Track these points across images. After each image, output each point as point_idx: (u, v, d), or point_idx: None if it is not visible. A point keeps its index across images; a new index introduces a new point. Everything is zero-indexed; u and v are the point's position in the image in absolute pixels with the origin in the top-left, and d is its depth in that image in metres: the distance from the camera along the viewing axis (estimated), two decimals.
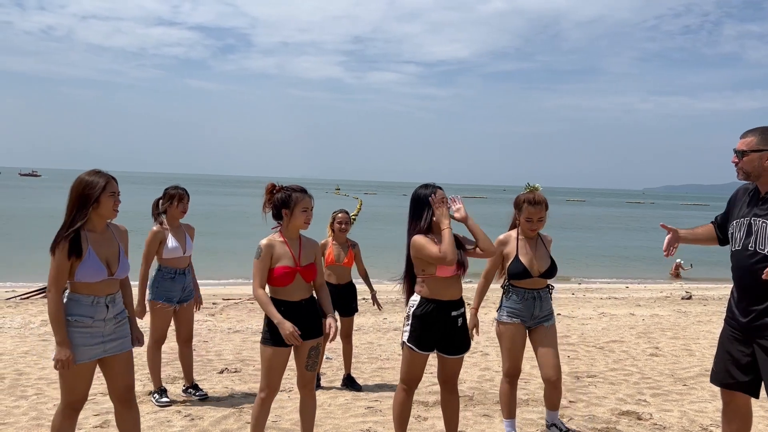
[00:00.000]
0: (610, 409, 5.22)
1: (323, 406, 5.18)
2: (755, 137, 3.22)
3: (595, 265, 20.58)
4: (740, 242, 3.32)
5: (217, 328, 8.56)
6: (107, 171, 3.45)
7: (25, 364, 6.22)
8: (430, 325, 3.78)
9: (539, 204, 4.22)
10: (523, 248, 4.25)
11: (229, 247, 18.56)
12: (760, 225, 3.22)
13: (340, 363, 6.24)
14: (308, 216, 3.81)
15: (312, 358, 3.82)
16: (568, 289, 14.51)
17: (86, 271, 3.26)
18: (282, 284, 3.75)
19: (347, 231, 5.78)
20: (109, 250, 3.38)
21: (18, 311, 9.61)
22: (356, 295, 5.94)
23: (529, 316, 4.23)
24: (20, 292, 11.80)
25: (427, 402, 5.23)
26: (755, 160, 3.21)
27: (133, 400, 3.52)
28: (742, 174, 3.29)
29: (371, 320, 9.37)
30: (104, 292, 3.34)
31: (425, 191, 3.81)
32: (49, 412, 4.80)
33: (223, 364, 6.46)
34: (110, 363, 3.40)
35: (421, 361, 3.85)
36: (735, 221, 3.40)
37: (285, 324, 3.64)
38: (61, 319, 3.22)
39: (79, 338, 3.26)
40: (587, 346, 7.76)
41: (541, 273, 4.22)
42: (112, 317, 3.38)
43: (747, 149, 3.23)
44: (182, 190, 5.19)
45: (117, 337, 3.40)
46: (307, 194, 3.85)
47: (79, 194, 3.30)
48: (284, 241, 3.81)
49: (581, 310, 11.15)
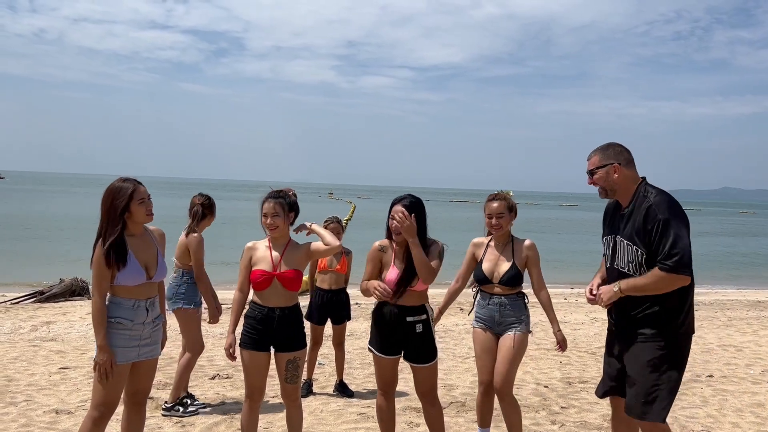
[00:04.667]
0: (602, 414, 5.22)
1: (315, 412, 5.17)
2: (597, 155, 3.36)
3: (587, 269, 20.64)
4: (609, 261, 3.39)
5: (209, 333, 8.51)
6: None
7: (15, 370, 6.17)
8: (386, 328, 3.79)
9: (497, 200, 4.20)
10: (490, 254, 4.22)
11: (220, 251, 18.45)
12: (620, 243, 3.28)
13: (332, 369, 6.23)
14: (266, 221, 3.79)
15: (290, 371, 3.78)
16: (560, 294, 14.53)
17: (126, 276, 3.34)
18: (258, 288, 3.77)
19: (340, 239, 5.78)
20: (147, 253, 3.47)
21: (8, 316, 9.53)
22: (349, 303, 5.93)
23: (491, 321, 4.17)
24: (9, 297, 11.71)
25: (419, 408, 5.20)
26: (604, 176, 3.32)
27: (144, 404, 3.61)
28: (602, 192, 3.39)
29: (363, 326, 9.35)
30: (144, 295, 3.43)
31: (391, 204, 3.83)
32: (39, 418, 4.77)
33: (215, 370, 6.43)
34: (138, 366, 3.47)
35: (387, 365, 3.84)
36: (604, 238, 3.46)
37: (228, 337, 3.76)
38: (103, 323, 3.30)
39: (119, 340, 3.34)
40: (579, 352, 7.77)
41: (500, 280, 4.14)
42: (151, 321, 3.48)
43: (594, 168, 3.36)
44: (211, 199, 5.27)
45: (152, 342, 3.50)
46: (270, 200, 3.81)
47: (109, 205, 3.38)
48: (269, 246, 3.83)
49: (573, 315, 11.17)
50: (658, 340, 3.15)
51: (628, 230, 3.22)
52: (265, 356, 3.78)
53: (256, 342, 3.74)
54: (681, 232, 3.07)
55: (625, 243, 3.24)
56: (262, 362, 3.77)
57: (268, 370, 3.85)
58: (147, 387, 3.58)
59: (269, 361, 3.81)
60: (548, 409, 5.37)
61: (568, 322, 10.18)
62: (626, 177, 3.29)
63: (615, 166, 3.29)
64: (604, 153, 3.34)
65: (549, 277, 4.35)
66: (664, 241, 3.06)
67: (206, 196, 5.29)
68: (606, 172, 3.31)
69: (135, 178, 3.51)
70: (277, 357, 3.79)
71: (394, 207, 3.76)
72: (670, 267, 3.04)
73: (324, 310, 5.75)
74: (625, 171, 3.29)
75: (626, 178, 3.29)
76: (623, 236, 3.26)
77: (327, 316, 5.77)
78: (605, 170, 3.31)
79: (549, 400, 5.64)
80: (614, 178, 3.29)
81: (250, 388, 3.80)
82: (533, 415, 5.21)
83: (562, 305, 12.58)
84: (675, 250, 3.03)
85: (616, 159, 3.30)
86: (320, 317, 5.75)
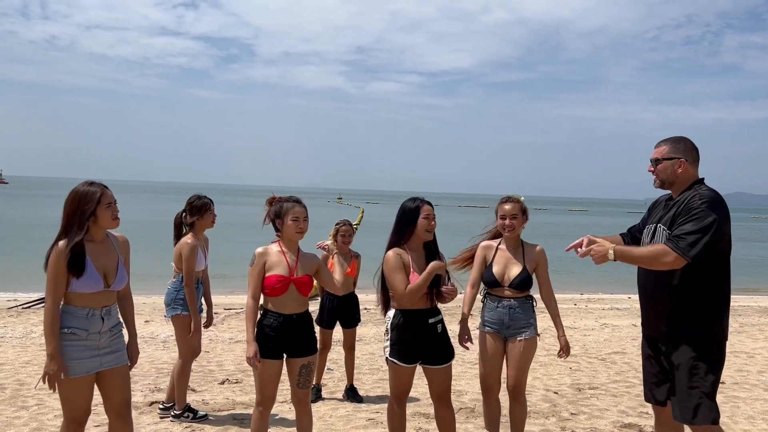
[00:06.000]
0: (612, 421, 5.19)
1: (324, 417, 5.17)
2: (667, 146, 3.33)
3: (597, 275, 20.54)
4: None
5: (218, 338, 8.55)
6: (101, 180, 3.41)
7: (26, 374, 6.21)
8: (409, 335, 3.78)
9: (510, 202, 4.23)
10: (500, 257, 4.22)
11: (231, 256, 18.53)
12: (659, 230, 3.29)
13: (342, 374, 6.23)
14: (299, 225, 3.80)
15: (303, 376, 3.79)
16: (570, 300, 14.47)
17: (83, 283, 3.20)
18: (274, 294, 3.73)
19: (350, 242, 5.79)
20: (107, 261, 3.32)
21: (19, 321, 9.61)
22: (358, 306, 5.94)
23: (501, 325, 4.16)
24: (22, 300, 11.80)
25: (428, 414, 5.20)
26: (668, 168, 3.30)
27: (129, 414, 3.44)
28: (658, 182, 3.38)
29: (372, 331, 9.35)
30: (100, 304, 3.27)
31: (411, 205, 3.86)
32: (50, 422, 4.79)
33: (225, 375, 6.44)
34: (107, 377, 3.33)
35: (407, 374, 3.84)
36: (647, 226, 3.47)
37: (251, 346, 3.66)
38: (55, 331, 3.15)
39: (75, 351, 3.20)
40: (589, 358, 7.73)
41: (511, 283, 4.15)
42: (108, 330, 3.31)
43: (660, 158, 3.33)
44: (208, 199, 5.03)
45: (113, 351, 3.33)
46: (300, 204, 3.85)
47: (74, 208, 3.24)
48: (281, 251, 3.81)
49: (583, 321, 11.11)
50: (694, 344, 3.15)
51: (669, 216, 3.23)
52: (280, 364, 3.78)
53: (271, 351, 3.72)
54: (707, 224, 3.04)
55: (662, 228, 3.25)
56: (276, 370, 3.77)
57: (280, 378, 3.85)
58: (125, 396, 3.40)
59: (282, 368, 3.82)
60: (558, 416, 5.35)
61: (578, 328, 10.12)
62: (688, 174, 3.28)
63: (682, 161, 3.27)
64: (674, 145, 3.31)
65: (558, 283, 4.35)
66: (688, 223, 3.06)
67: (193, 197, 5.03)
68: (671, 164, 3.29)
69: (101, 182, 3.37)
70: (291, 363, 3.78)
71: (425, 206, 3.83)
72: (674, 245, 3.04)
73: (334, 314, 5.76)
74: (689, 168, 3.28)
75: (687, 176, 3.28)
76: (663, 222, 3.27)
77: (336, 319, 5.78)
78: (671, 162, 3.29)
79: (559, 407, 5.61)
80: (677, 172, 3.28)
81: (264, 396, 3.77)
82: (543, 421, 5.19)
83: (572, 311, 12.52)
84: (689, 233, 3.03)
85: (685, 155, 3.29)
86: (329, 321, 5.76)
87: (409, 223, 3.83)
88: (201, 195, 5.09)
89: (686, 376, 3.15)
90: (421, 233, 3.83)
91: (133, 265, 3.66)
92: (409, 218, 3.84)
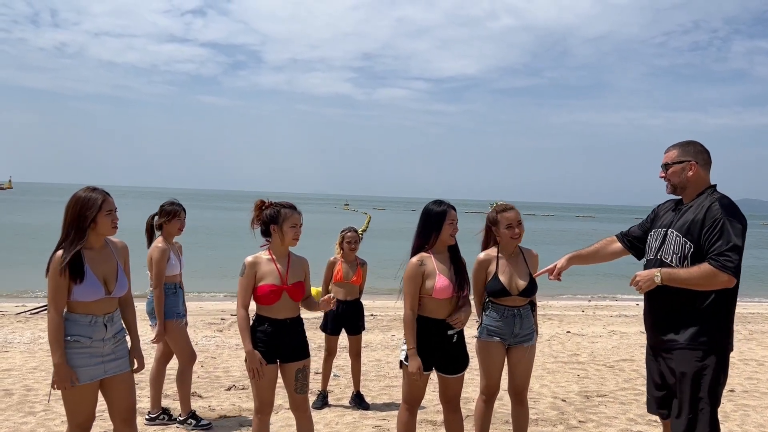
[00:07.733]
0: (621, 429, 5.16)
1: (330, 424, 5.16)
2: (677, 150, 3.32)
3: (605, 282, 20.45)
4: (653, 252, 3.37)
5: (224, 344, 8.55)
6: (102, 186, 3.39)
7: (34, 380, 6.23)
8: (426, 343, 3.77)
9: (510, 209, 4.18)
10: (503, 266, 4.17)
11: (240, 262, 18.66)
12: (670, 235, 3.26)
13: (348, 381, 6.21)
14: (296, 232, 3.80)
15: (300, 381, 3.78)
16: (577, 307, 14.40)
17: (83, 291, 3.19)
18: (267, 303, 3.72)
19: (356, 249, 5.78)
20: (107, 267, 3.30)
21: (27, 326, 9.64)
22: (363, 313, 5.93)
23: (509, 334, 4.13)
24: (30, 306, 11.85)
25: (435, 421, 5.19)
26: (679, 172, 3.29)
27: (134, 420, 3.44)
28: (670, 187, 3.37)
29: (379, 337, 9.34)
30: (102, 311, 3.27)
31: (437, 209, 3.84)
32: (57, 428, 4.80)
33: (231, 381, 6.44)
34: (111, 384, 3.32)
35: (422, 381, 3.84)
36: (654, 230, 3.43)
37: (254, 355, 3.65)
38: (59, 340, 3.15)
39: (79, 359, 3.19)
40: (597, 365, 7.69)
41: (520, 291, 4.13)
42: (111, 336, 3.31)
43: (670, 162, 3.33)
44: (179, 207, 5.03)
45: (116, 357, 3.33)
46: (296, 210, 3.83)
47: (75, 214, 3.22)
48: (272, 259, 3.79)
49: (591, 327, 11.05)
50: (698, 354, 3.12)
51: (683, 223, 3.21)
52: (275, 369, 3.78)
53: (265, 356, 3.71)
54: (739, 235, 3.06)
55: (676, 234, 3.22)
56: (272, 375, 3.77)
57: (276, 383, 3.84)
58: (131, 403, 3.40)
59: (277, 373, 3.81)
60: (566, 423, 5.31)
61: (586, 335, 10.07)
62: (699, 177, 3.27)
63: (692, 163, 3.26)
64: (683, 149, 3.31)
65: (567, 288, 4.32)
66: (722, 239, 3.04)
67: (167, 202, 5.00)
68: (682, 168, 3.28)
69: (103, 189, 3.35)
70: (285, 368, 3.78)
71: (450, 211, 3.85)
72: (721, 264, 3.02)
73: (339, 321, 5.75)
74: (700, 171, 3.27)
75: (699, 179, 3.27)
76: (675, 228, 3.24)
77: (341, 326, 5.77)
78: (681, 166, 3.28)
79: (566, 414, 5.57)
80: (688, 176, 3.27)
81: (262, 402, 3.76)
82: (550, 429, 5.16)
83: (580, 317, 12.46)
84: (730, 250, 3.02)
85: (695, 157, 3.28)
86: (334, 327, 5.75)
87: (434, 228, 3.83)
88: (175, 201, 5.10)
89: (689, 386, 3.11)
90: (446, 238, 3.84)
91: (136, 270, 3.66)
92: (434, 223, 3.83)
